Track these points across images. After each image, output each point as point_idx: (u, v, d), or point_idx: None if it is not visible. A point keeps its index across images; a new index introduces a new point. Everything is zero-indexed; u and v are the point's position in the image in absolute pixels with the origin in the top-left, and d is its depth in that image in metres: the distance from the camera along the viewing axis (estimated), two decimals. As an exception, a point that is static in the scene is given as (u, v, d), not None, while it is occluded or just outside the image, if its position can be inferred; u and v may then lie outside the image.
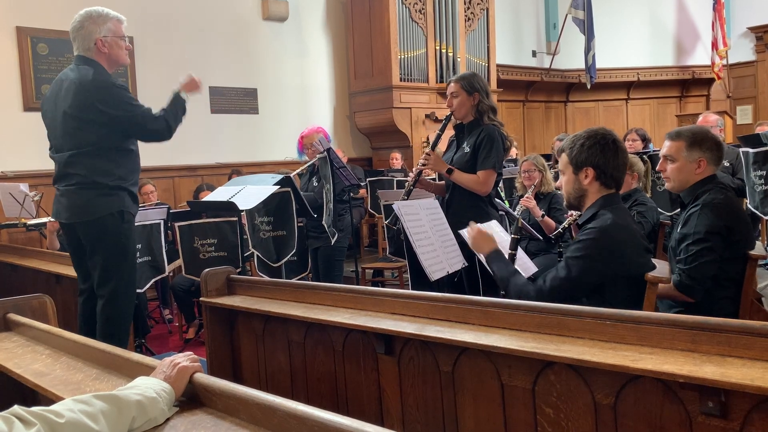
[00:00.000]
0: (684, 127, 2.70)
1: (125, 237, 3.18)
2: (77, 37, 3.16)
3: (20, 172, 5.90)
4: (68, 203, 3.14)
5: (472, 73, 3.52)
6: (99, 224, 3.11)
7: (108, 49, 3.17)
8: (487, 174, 3.25)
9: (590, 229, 2.22)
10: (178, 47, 7.09)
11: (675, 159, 2.61)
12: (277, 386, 2.52)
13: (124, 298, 3.22)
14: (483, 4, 9.14)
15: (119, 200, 3.14)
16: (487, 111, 3.32)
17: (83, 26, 3.14)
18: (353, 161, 8.24)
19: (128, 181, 3.19)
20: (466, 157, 3.30)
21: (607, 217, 2.20)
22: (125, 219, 3.17)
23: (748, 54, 10.85)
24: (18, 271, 4.58)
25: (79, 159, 3.09)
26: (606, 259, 2.16)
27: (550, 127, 11.28)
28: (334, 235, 4.07)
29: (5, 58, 6.04)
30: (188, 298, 4.93)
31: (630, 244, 2.19)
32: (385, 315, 2.11)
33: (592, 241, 2.19)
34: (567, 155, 2.32)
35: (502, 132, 3.31)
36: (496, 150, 3.24)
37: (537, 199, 4.60)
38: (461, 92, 3.33)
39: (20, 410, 1.11)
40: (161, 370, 1.41)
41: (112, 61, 3.22)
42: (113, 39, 3.19)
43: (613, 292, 2.19)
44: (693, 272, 2.44)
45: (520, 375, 1.71)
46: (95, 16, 3.15)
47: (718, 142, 2.61)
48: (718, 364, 1.39)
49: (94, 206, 3.10)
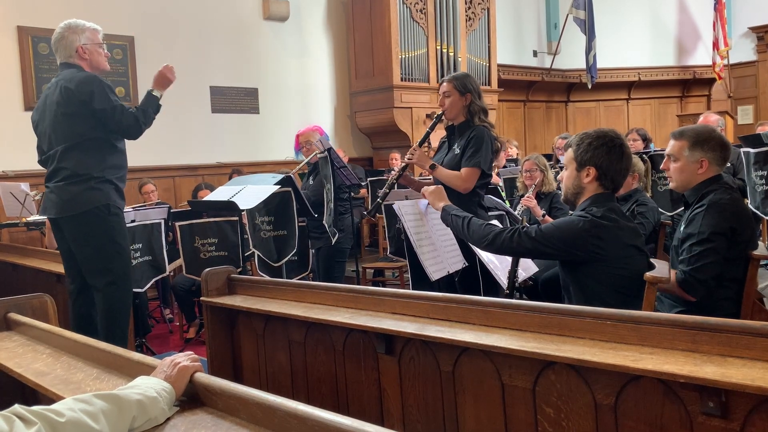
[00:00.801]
0: (689, 126, 2.68)
1: (113, 229, 3.26)
2: (59, 47, 3.35)
3: (21, 172, 5.90)
4: (56, 198, 3.25)
5: (465, 73, 3.50)
6: (85, 217, 3.20)
7: (89, 56, 3.36)
8: (470, 171, 3.22)
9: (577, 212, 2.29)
10: (179, 47, 7.09)
11: (677, 158, 2.60)
12: (278, 386, 2.52)
13: (119, 290, 3.28)
14: (484, 4, 9.14)
15: (104, 194, 3.23)
16: (479, 112, 3.31)
17: (64, 36, 3.33)
18: (354, 161, 8.23)
19: (114, 175, 3.28)
20: (457, 159, 3.29)
21: (593, 210, 2.25)
22: (112, 212, 3.26)
23: (749, 54, 10.84)
24: (19, 270, 4.59)
25: (67, 153, 3.22)
26: (578, 237, 2.19)
27: (551, 127, 11.28)
28: (334, 235, 4.07)
29: (6, 57, 6.05)
30: (189, 297, 4.93)
31: (611, 233, 2.19)
32: (385, 315, 2.11)
33: (573, 218, 2.26)
34: (573, 151, 2.34)
35: (491, 134, 3.30)
36: (483, 150, 3.23)
37: (538, 198, 4.60)
38: (454, 92, 3.31)
39: (21, 409, 1.11)
40: (162, 370, 1.41)
41: (93, 66, 3.39)
42: (92, 46, 3.38)
43: (592, 277, 2.21)
44: (696, 272, 2.43)
45: (520, 375, 1.71)
46: (74, 27, 3.35)
47: (723, 142, 2.58)
48: (719, 365, 1.39)
49: (80, 200, 3.20)
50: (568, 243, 2.21)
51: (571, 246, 2.21)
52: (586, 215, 2.23)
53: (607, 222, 2.20)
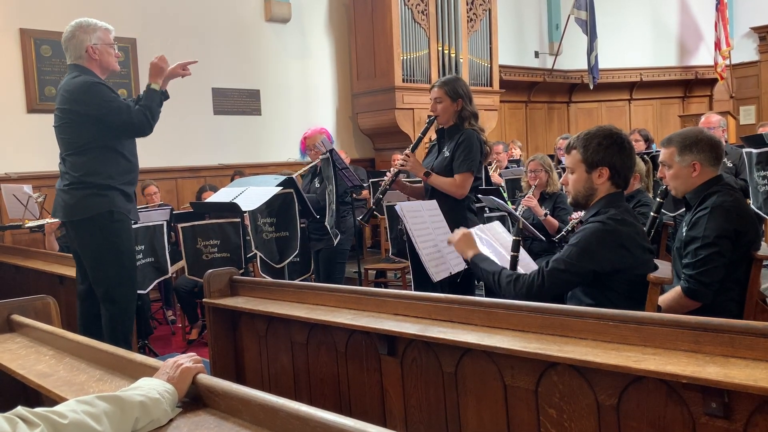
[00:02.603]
0: (676, 132, 2.64)
1: (115, 236, 3.23)
2: (69, 47, 3.31)
3: (23, 174, 5.91)
4: (63, 202, 3.24)
5: (456, 77, 3.49)
6: (88, 223, 3.19)
7: (99, 56, 3.31)
8: (463, 177, 3.24)
9: (593, 221, 2.22)
10: (181, 49, 7.09)
11: (670, 165, 2.59)
12: (280, 387, 2.52)
13: (121, 297, 3.26)
14: (485, 5, 9.14)
15: (109, 200, 3.20)
16: (469, 117, 3.31)
17: (74, 36, 3.29)
18: (356, 162, 8.23)
19: (119, 180, 3.25)
20: (446, 162, 3.29)
21: (610, 212, 2.20)
22: (115, 218, 3.23)
23: (751, 54, 10.83)
24: (21, 272, 4.59)
25: (72, 159, 3.21)
26: (607, 249, 2.14)
27: (553, 127, 11.27)
28: (336, 237, 4.07)
29: (9, 60, 6.06)
30: (191, 299, 4.93)
31: (632, 239, 2.18)
32: (387, 316, 2.11)
33: (594, 230, 2.18)
34: (580, 153, 2.28)
35: (480, 137, 3.30)
36: (473, 154, 3.23)
37: (542, 198, 4.60)
38: (445, 98, 3.31)
39: (24, 411, 1.11)
40: (164, 371, 1.41)
41: (104, 67, 3.35)
42: (103, 46, 3.33)
43: (612, 287, 2.18)
44: (701, 277, 2.40)
45: (522, 376, 1.71)
46: (85, 26, 3.30)
47: (712, 142, 2.54)
48: (722, 365, 1.39)
49: (83, 206, 3.18)
50: (596, 257, 2.14)
51: (601, 259, 2.14)
52: (605, 224, 2.16)
53: (627, 228, 2.16)
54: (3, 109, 5.99)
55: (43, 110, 6.04)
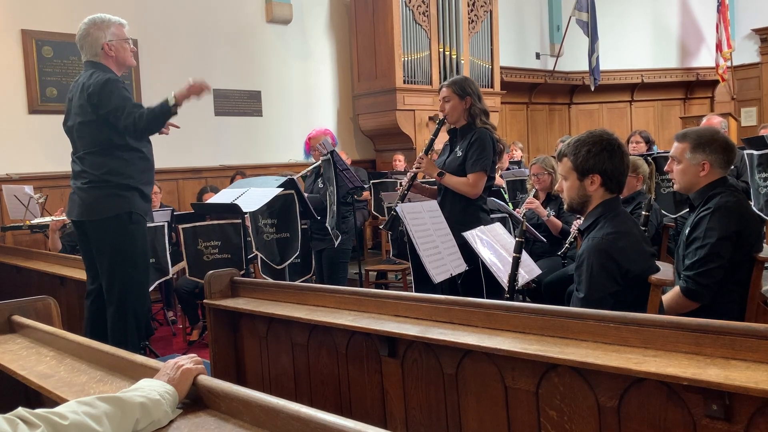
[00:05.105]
0: (692, 128, 2.66)
1: (131, 239, 3.20)
2: (84, 45, 3.26)
3: (25, 175, 5.91)
4: (79, 201, 3.21)
5: (464, 77, 3.52)
6: (105, 224, 3.16)
7: (115, 53, 3.28)
8: (477, 176, 3.24)
9: (592, 243, 2.16)
10: (182, 50, 7.11)
11: (680, 160, 2.59)
12: (281, 388, 2.52)
13: (131, 301, 3.22)
14: (486, 6, 9.14)
15: (128, 201, 3.18)
16: (479, 114, 3.32)
17: (89, 33, 3.24)
18: (357, 163, 8.23)
19: (139, 180, 3.23)
20: (459, 161, 3.30)
21: (607, 228, 2.15)
22: (133, 220, 3.20)
23: (752, 56, 10.82)
24: (22, 273, 4.60)
25: (91, 158, 3.18)
26: (612, 271, 2.10)
27: (554, 129, 11.26)
28: (337, 237, 4.08)
29: (10, 61, 6.06)
30: (192, 300, 4.93)
31: (633, 250, 2.15)
32: (388, 317, 2.11)
33: (596, 256, 2.12)
34: (571, 161, 2.25)
35: (493, 135, 3.31)
36: (486, 153, 3.24)
37: (549, 199, 4.60)
38: (453, 97, 3.33)
39: (24, 412, 1.12)
40: (165, 372, 1.41)
41: (120, 63, 3.32)
42: (118, 42, 3.29)
43: (622, 298, 2.16)
44: (700, 277, 2.41)
45: (523, 377, 1.71)
46: (99, 23, 3.25)
47: (726, 145, 2.54)
48: (723, 367, 1.39)
49: (102, 206, 3.15)
50: (611, 277, 2.10)
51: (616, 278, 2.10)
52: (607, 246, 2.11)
53: (624, 241, 2.12)
54: (4, 110, 5.99)
55: (44, 111, 6.05)
